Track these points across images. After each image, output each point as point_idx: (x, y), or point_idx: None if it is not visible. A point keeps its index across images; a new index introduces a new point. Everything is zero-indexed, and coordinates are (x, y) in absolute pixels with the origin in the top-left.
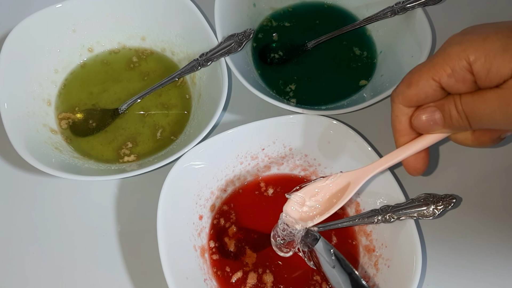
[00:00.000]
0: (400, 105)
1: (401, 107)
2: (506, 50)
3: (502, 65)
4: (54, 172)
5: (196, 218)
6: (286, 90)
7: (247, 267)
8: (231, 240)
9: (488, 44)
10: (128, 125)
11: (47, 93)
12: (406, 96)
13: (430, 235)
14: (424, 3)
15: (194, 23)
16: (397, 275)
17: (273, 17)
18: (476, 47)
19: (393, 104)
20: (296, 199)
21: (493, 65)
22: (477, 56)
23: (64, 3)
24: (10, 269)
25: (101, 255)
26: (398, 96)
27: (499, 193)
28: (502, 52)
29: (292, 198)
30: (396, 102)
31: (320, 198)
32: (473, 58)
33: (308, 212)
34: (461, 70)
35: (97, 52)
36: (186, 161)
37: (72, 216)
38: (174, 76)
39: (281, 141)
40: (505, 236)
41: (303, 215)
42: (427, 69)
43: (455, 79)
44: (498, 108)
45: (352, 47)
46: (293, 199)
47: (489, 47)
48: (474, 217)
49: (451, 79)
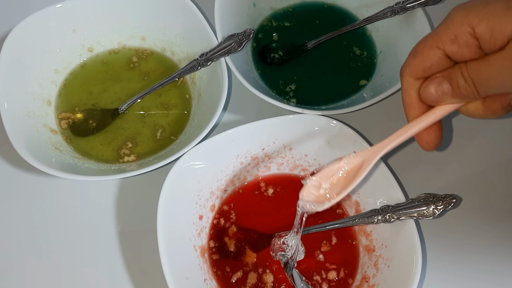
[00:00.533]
0: (408, 78)
1: (409, 79)
2: (508, 8)
3: (505, 23)
4: (54, 172)
5: (196, 218)
6: (286, 90)
7: (247, 267)
8: (231, 240)
9: (490, 6)
10: (128, 125)
11: (47, 93)
12: (412, 67)
13: (430, 235)
14: (424, 3)
15: (194, 23)
16: (397, 275)
17: (273, 17)
18: (478, 10)
19: (401, 77)
20: (312, 183)
21: (495, 25)
22: (480, 19)
23: (64, 3)
24: (10, 269)
25: (101, 255)
26: (405, 68)
27: (499, 193)
28: (505, 10)
29: (308, 182)
30: (404, 75)
31: (335, 179)
32: (476, 21)
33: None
34: (464, 35)
35: (97, 52)
36: (186, 161)
37: (72, 216)
38: (174, 76)
39: (281, 141)
40: (505, 236)
41: (320, 198)
42: (431, 38)
43: (458, 45)
44: (504, 69)
45: (352, 47)
46: (309, 183)
47: (491, 8)
48: (474, 217)
49: (454, 45)
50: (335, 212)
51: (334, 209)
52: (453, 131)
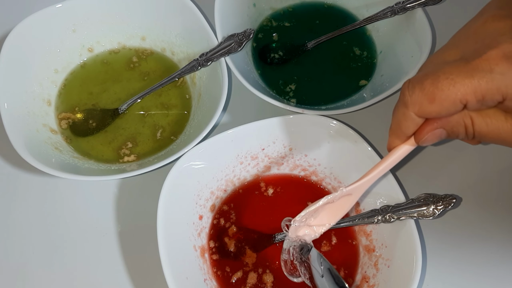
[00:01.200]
0: (412, 114)
1: (412, 115)
2: None
3: None
4: (54, 172)
5: (196, 218)
6: (286, 90)
7: (247, 267)
8: (231, 240)
9: None
10: (128, 125)
11: (47, 93)
12: (424, 111)
13: (430, 235)
14: (424, 3)
15: (194, 23)
16: (397, 275)
17: (273, 17)
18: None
19: (404, 109)
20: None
21: None
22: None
23: (64, 3)
24: (10, 269)
25: (101, 255)
26: (414, 106)
27: (499, 193)
28: None
29: (296, 223)
30: (410, 110)
31: (324, 214)
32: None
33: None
34: (493, 102)
35: (97, 52)
36: (186, 161)
37: (72, 216)
38: (174, 76)
39: (281, 141)
40: (505, 236)
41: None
42: (456, 90)
43: (481, 105)
44: None
45: (352, 47)
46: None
47: None
48: (474, 217)
49: (478, 104)
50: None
51: None
52: None
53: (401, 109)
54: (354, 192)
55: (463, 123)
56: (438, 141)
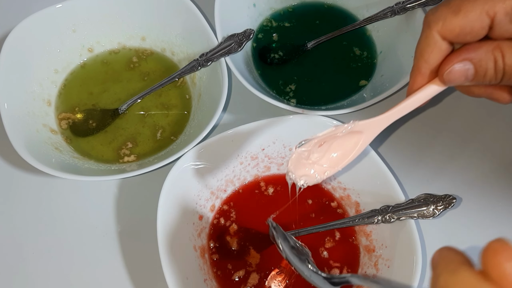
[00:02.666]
0: (436, 34)
1: (436, 36)
2: None
3: None
4: (54, 172)
5: (196, 218)
6: (286, 90)
7: (250, 267)
8: (233, 238)
9: None
10: (128, 125)
11: (47, 93)
12: (449, 25)
13: (430, 235)
14: (424, 3)
15: (194, 23)
16: (397, 275)
17: (273, 17)
18: None
19: (428, 30)
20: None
21: None
22: None
23: (64, 3)
24: (10, 269)
25: (101, 255)
26: (438, 22)
27: (499, 193)
28: None
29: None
30: (433, 29)
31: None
32: None
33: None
34: None
35: (97, 52)
36: (186, 161)
37: (72, 216)
38: (174, 76)
39: (281, 141)
40: (505, 236)
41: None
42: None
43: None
44: None
45: (352, 47)
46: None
47: None
48: (474, 217)
49: (506, 19)
50: (335, 212)
51: (335, 209)
52: (453, 131)
53: (424, 32)
54: (366, 130)
55: (493, 56)
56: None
